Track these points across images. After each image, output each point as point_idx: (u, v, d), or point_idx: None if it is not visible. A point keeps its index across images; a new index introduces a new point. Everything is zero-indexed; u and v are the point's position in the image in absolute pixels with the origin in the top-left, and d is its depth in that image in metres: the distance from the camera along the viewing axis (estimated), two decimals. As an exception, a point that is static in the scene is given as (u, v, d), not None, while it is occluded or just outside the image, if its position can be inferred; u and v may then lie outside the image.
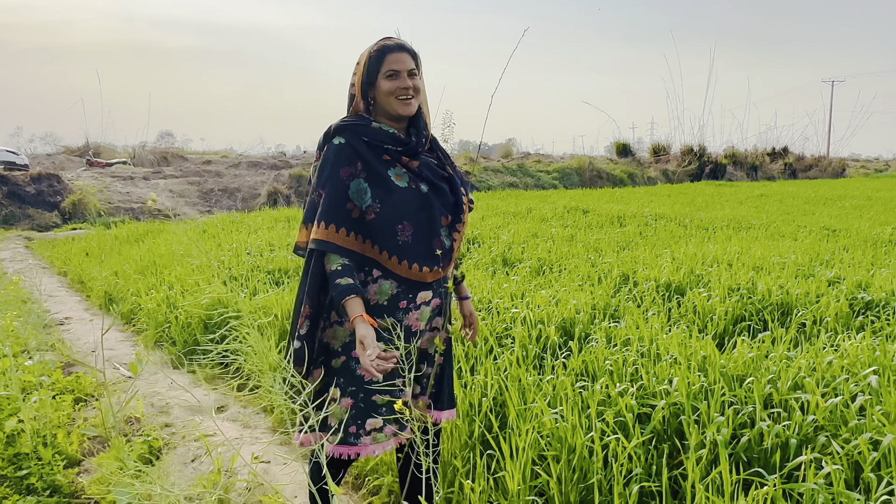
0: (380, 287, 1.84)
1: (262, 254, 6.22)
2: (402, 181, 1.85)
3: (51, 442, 3.03)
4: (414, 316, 1.89)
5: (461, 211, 1.95)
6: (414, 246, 1.84)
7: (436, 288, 1.92)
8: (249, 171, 20.19)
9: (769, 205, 12.84)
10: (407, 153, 1.87)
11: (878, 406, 2.52)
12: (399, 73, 1.83)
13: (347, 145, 1.83)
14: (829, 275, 4.92)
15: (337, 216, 1.78)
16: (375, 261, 1.83)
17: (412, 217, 1.83)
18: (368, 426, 1.87)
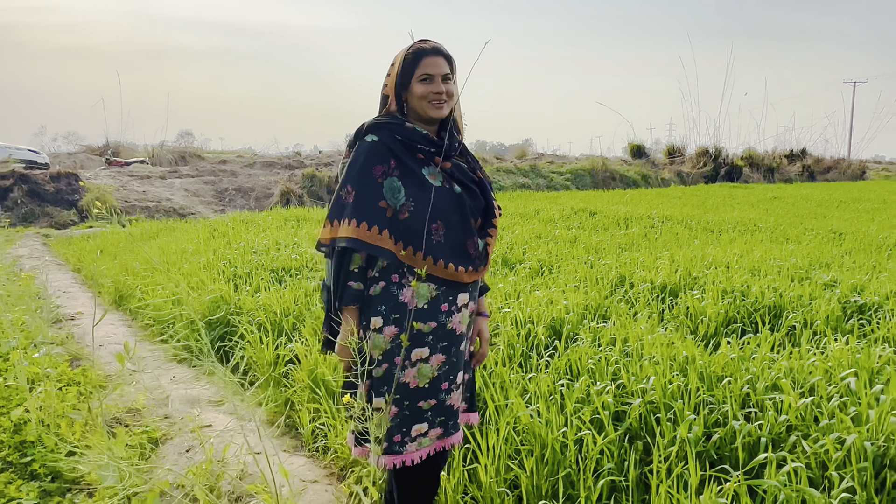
0: (417, 291, 1.80)
1: (269, 252, 6.36)
2: (437, 180, 1.83)
3: (54, 431, 3.17)
4: (457, 319, 1.85)
5: (492, 215, 1.94)
6: (448, 246, 1.80)
7: (471, 291, 1.90)
8: (264, 170, 20.43)
9: (781, 207, 12.76)
10: (439, 154, 1.86)
11: (852, 407, 2.57)
12: (433, 78, 1.82)
13: (381, 143, 1.80)
14: (826, 278, 4.93)
15: (369, 213, 1.74)
16: (410, 263, 1.78)
17: (446, 216, 1.81)
18: (414, 432, 1.84)
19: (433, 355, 1.82)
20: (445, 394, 1.86)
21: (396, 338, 1.79)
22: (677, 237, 7.78)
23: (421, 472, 1.90)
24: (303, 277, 5.30)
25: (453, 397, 1.88)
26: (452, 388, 1.87)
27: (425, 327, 1.80)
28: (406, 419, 1.83)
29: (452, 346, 1.84)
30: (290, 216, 10.67)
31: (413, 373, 1.81)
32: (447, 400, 1.86)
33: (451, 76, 1.86)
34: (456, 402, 1.90)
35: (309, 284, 4.90)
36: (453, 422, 1.90)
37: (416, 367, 1.81)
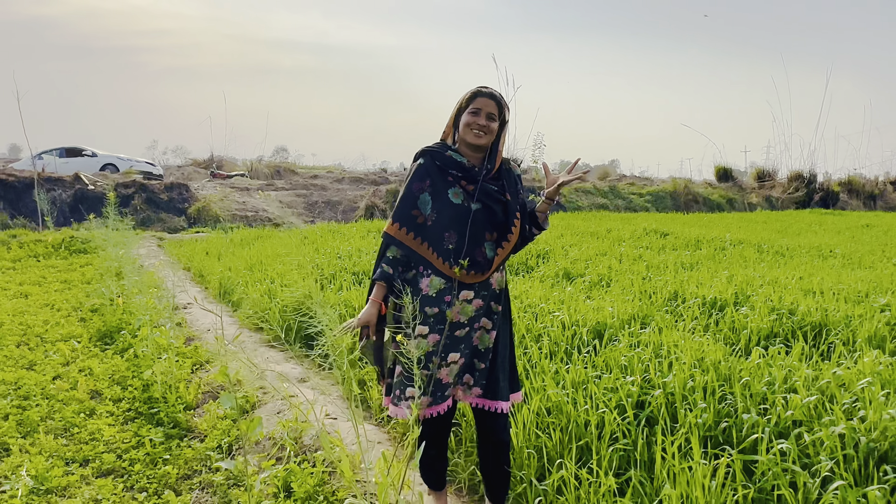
0: (431, 281, 2.27)
1: (351, 258, 7.06)
2: (458, 199, 2.28)
3: (174, 391, 3.89)
4: (456, 309, 2.27)
5: (508, 231, 2.32)
6: (457, 251, 2.24)
7: (478, 290, 2.30)
8: (351, 185, 21.61)
9: (869, 235, 12.31)
10: (465, 178, 2.30)
11: (862, 411, 2.84)
12: (480, 112, 2.27)
13: (423, 166, 2.32)
14: (883, 301, 5.01)
15: (403, 218, 2.29)
16: (428, 260, 2.26)
17: (458, 228, 2.25)
18: (408, 393, 2.27)
19: (430, 334, 2.25)
20: (436, 368, 2.27)
21: (413, 312, 2.25)
22: (744, 259, 7.86)
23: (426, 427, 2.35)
24: (380, 280, 5.92)
25: (443, 373, 2.28)
26: (442, 364, 2.27)
27: (430, 311, 2.25)
28: (405, 380, 2.27)
29: (447, 331, 2.25)
30: (372, 228, 11.46)
31: (415, 344, 2.26)
32: (437, 374, 2.27)
33: (495, 116, 2.29)
34: (446, 378, 2.29)
35: (384, 286, 5.51)
36: (441, 392, 2.30)
37: (417, 341, 2.26)
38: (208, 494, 2.89)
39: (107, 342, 5.10)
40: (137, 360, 4.46)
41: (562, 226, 11.95)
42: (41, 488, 2.83)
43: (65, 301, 6.48)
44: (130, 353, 4.60)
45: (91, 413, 3.71)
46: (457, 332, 2.27)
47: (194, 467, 3.12)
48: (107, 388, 4.07)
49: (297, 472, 2.83)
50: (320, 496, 2.70)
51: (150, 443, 3.29)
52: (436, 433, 2.38)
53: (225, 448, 3.27)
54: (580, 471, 2.51)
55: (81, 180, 14.70)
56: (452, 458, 2.99)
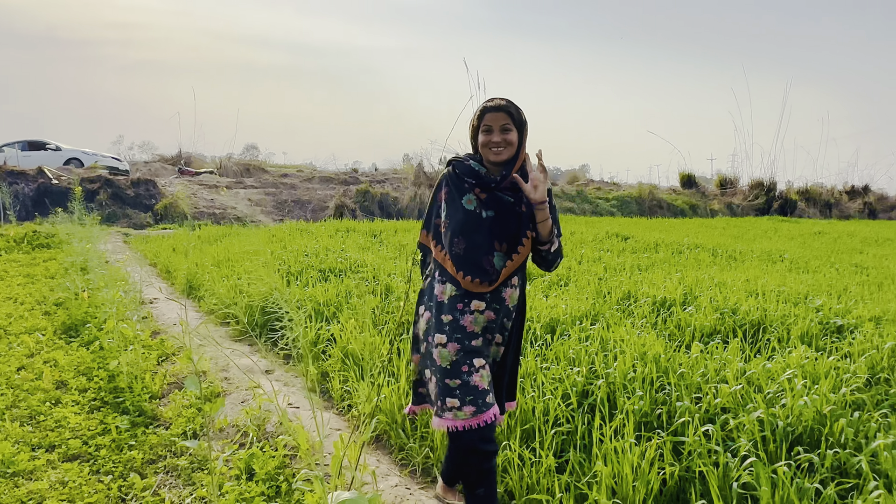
0: (445, 288, 2.29)
1: (318, 255, 7.18)
2: (471, 206, 2.27)
3: (140, 381, 3.99)
4: (468, 318, 2.26)
5: (519, 242, 2.28)
6: (465, 258, 2.23)
7: (489, 301, 2.27)
8: (321, 184, 21.62)
9: (819, 242, 12.86)
10: (479, 185, 2.29)
11: (784, 399, 3.10)
12: (492, 129, 2.25)
13: (445, 175, 2.37)
14: (818, 303, 5.35)
15: (428, 225, 2.41)
16: (443, 266, 2.29)
17: (467, 235, 2.24)
18: (448, 404, 2.21)
19: (449, 343, 2.23)
20: (467, 375, 2.21)
21: (429, 321, 2.30)
22: (698, 262, 8.21)
23: (461, 439, 2.24)
24: (345, 277, 6.07)
25: (475, 378, 2.21)
26: (472, 371, 2.22)
27: (445, 318, 2.26)
28: (442, 391, 2.23)
29: (465, 340, 2.23)
30: (341, 227, 11.56)
31: (437, 353, 2.25)
32: (471, 381, 2.21)
33: (510, 125, 2.25)
34: (481, 383, 2.22)
35: (350, 282, 5.66)
36: (482, 400, 2.20)
37: (438, 350, 2.24)
38: (172, 477, 3.02)
39: (72, 335, 5.15)
40: (103, 353, 4.53)
41: (527, 228, 12.21)
42: (7, 471, 2.92)
43: (28, 295, 6.47)
44: (96, 346, 4.67)
45: (56, 402, 3.79)
46: (472, 341, 2.25)
47: (159, 452, 3.23)
48: (72, 378, 4.14)
49: (259, 456, 2.97)
50: (281, 477, 2.85)
51: (115, 430, 3.39)
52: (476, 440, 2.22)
53: (190, 434, 3.39)
54: (524, 451, 2.72)
55: (45, 174, 14.47)
56: (408, 442, 3.17)
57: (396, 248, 8.83)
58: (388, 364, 3.72)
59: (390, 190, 19.22)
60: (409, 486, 2.91)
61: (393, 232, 11.13)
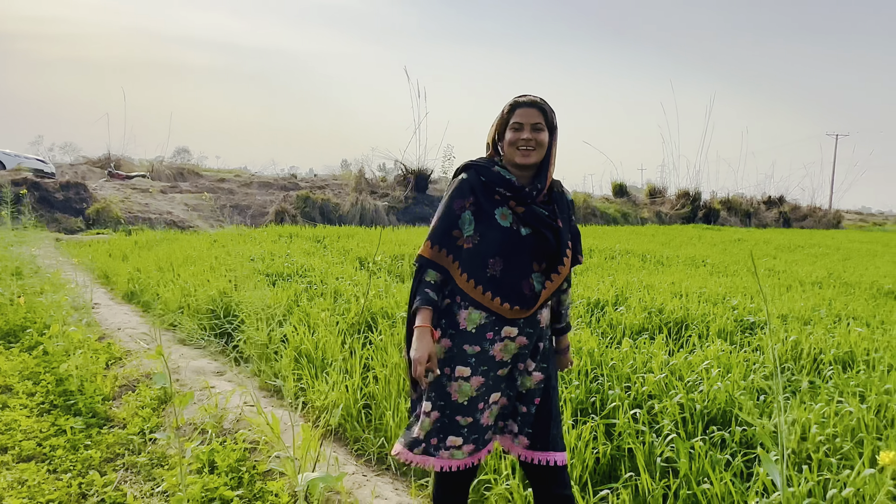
0: (469, 315, 1.96)
1: (264, 260, 7.24)
2: (506, 221, 1.98)
3: (92, 383, 4.00)
4: (498, 347, 1.97)
5: (559, 262, 2.03)
6: (501, 281, 1.94)
7: (522, 326, 1.99)
8: (260, 190, 21.36)
9: (738, 248, 13.77)
10: (515, 198, 2.00)
11: (702, 386, 3.47)
12: (523, 126, 1.97)
13: (467, 181, 2.02)
14: (735, 302, 5.87)
15: (442, 239, 1.98)
16: (464, 289, 1.96)
17: (505, 255, 1.95)
18: (449, 443, 1.96)
19: (473, 376, 1.96)
20: (480, 413, 1.99)
21: (449, 350, 1.97)
22: (629, 266, 8.73)
23: (454, 478, 2.06)
24: (293, 281, 6.18)
25: (485, 416, 2.00)
26: (485, 408, 2.00)
27: (469, 349, 1.96)
28: (445, 427, 1.96)
29: (491, 371, 1.98)
30: (283, 232, 11.56)
31: (455, 387, 1.96)
32: (481, 419, 1.99)
33: (542, 125, 1.99)
34: (487, 421, 2.01)
35: (298, 286, 5.78)
36: (481, 437, 2.01)
37: (458, 383, 1.96)
38: (132, 474, 3.09)
39: (10, 341, 5.05)
40: (48, 357, 4.49)
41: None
42: (-39, 473, 2.92)
43: (-43, 301, 6.24)
44: (39, 351, 4.62)
45: (3, 406, 3.76)
46: (499, 371, 2.00)
47: (117, 451, 3.29)
48: (17, 383, 4.10)
49: (220, 450, 3.09)
50: (243, 469, 2.99)
51: (70, 431, 3.42)
52: (465, 481, 2.12)
53: (147, 433, 3.46)
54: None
55: (-36, 176, 13.74)
56: (363, 434, 3.36)
57: (341, 253, 8.96)
58: (343, 362, 3.90)
59: (331, 196, 19.22)
60: (365, 474, 3.10)
61: (336, 237, 11.22)
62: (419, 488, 2.94)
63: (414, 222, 18.79)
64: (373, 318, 4.77)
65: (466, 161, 2.11)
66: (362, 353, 4.00)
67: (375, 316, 4.80)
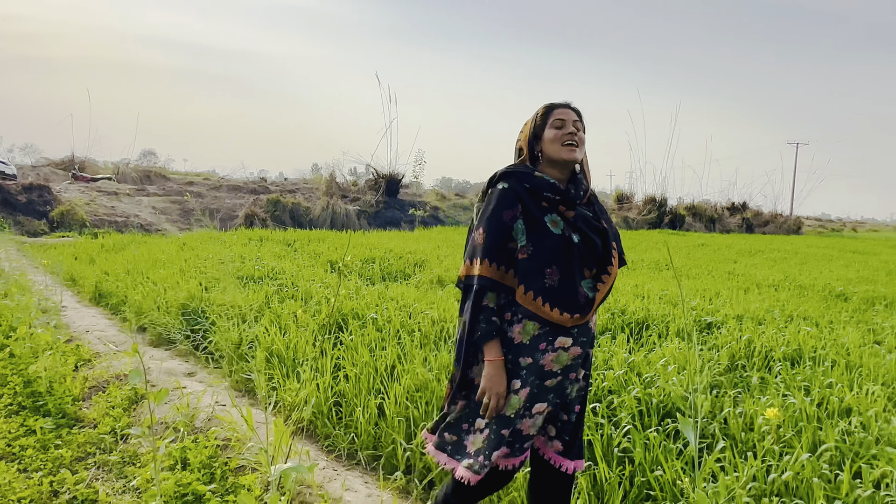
0: (524, 327, 1.91)
1: (234, 263, 7.25)
2: (557, 228, 1.92)
3: (61, 384, 4.01)
4: (549, 357, 1.93)
5: (608, 263, 1.99)
6: (559, 290, 1.89)
7: (576, 335, 1.96)
8: (229, 193, 21.18)
9: (701, 253, 14.17)
10: (564, 203, 1.96)
11: (658, 382, 3.65)
12: (565, 122, 1.97)
13: (511, 190, 1.93)
14: (694, 303, 6.11)
15: (498, 255, 1.88)
16: (521, 302, 1.89)
17: (561, 263, 1.89)
18: (494, 457, 1.93)
19: (523, 388, 1.92)
20: (520, 420, 1.95)
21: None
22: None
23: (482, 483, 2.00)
24: (264, 284, 6.22)
25: (525, 423, 1.96)
26: (526, 415, 1.95)
27: (523, 362, 1.92)
28: (492, 444, 1.93)
29: (538, 381, 1.93)
30: (253, 236, 11.53)
31: (507, 401, 1.93)
32: (519, 424, 1.96)
33: (580, 125, 2.00)
34: (526, 429, 1.97)
35: (269, 289, 5.83)
36: (519, 444, 1.97)
37: (509, 397, 1.92)
38: (104, 472, 3.13)
39: (-26, 343, 5.00)
40: (15, 360, 4.47)
41: (440, 238, 12.68)
42: (-70, 473, 2.93)
43: (-82, 304, 6.13)
44: (6, 353, 4.59)
45: (-30, 408, 3.75)
46: (547, 381, 1.95)
47: (88, 450, 3.32)
48: (-16, 385, 4.08)
49: (193, 447, 3.15)
50: (216, 465, 3.05)
51: (40, 431, 3.44)
52: (494, 486, 2.06)
53: (119, 433, 3.50)
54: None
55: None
56: (334, 431, 3.45)
57: (312, 257, 9.00)
58: (314, 361, 3.98)
59: (301, 200, 19.16)
60: (335, 469, 3.19)
61: (307, 241, 11.23)
62: (388, 481, 3.05)
63: (385, 226, 18.86)
64: (344, 319, 4.86)
65: (502, 169, 2.03)
66: (333, 352, 4.09)
67: (346, 317, 4.88)
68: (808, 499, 2.44)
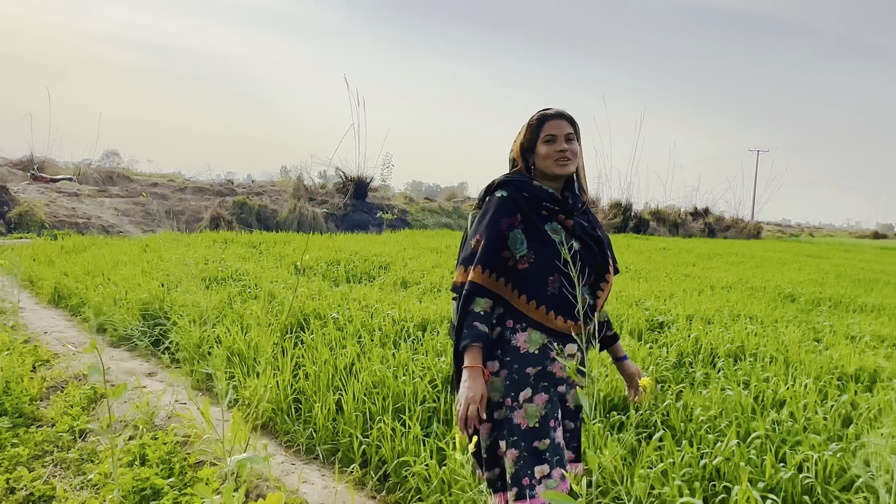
0: (529, 336, 1.90)
1: (198, 265, 7.25)
2: (558, 236, 1.93)
3: (18, 384, 4.00)
4: (558, 365, 1.94)
5: (606, 271, 2.02)
6: (561, 299, 1.90)
7: (581, 343, 1.96)
8: (195, 195, 20.93)
9: (663, 256, 14.55)
10: (564, 212, 1.97)
11: (607, 377, 3.82)
12: (556, 137, 1.94)
13: (509, 198, 1.93)
14: (648, 304, 6.33)
15: (492, 262, 1.87)
16: (522, 311, 1.89)
17: (562, 271, 1.90)
18: (538, 474, 1.85)
19: (536, 395, 1.89)
20: (553, 431, 1.90)
21: (508, 378, 1.89)
22: (557, 272, 9.17)
23: None
24: (227, 285, 6.25)
25: (559, 435, 1.93)
26: (557, 426, 1.92)
27: (532, 370, 1.90)
28: (527, 461, 1.86)
29: (551, 387, 1.92)
30: (218, 238, 11.47)
31: (521, 414, 1.88)
32: (556, 438, 1.90)
33: (573, 136, 1.98)
34: (561, 440, 1.94)
35: (233, 290, 5.87)
36: (564, 460, 1.94)
37: (523, 408, 1.88)
38: (62, 469, 3.16)
39: (-72, 345, 4.93)
40: (-30, 360, 4.43)
41: (406, 241, 12.78)
42: None
43: None
44: (-39, 354, 4.55)
45: (-76, 408, 3.72)
46: (560, 387, 1.97)
47: (46, 448, 3.34)
48: (-62, 385, 4.05)
49: (151, 444, 3.20)
50: (174, 460, 3.11)
51: (-4, 429, 3.44)
52: None
53: (77, 431, 3.52)
54: (396, 424, 3.19)
55: None
56: (293, 427, 3.53)
57: (277, 259, 9.02)
58: (274, 360, 4.06)
59: (268, 202, 19.05)
60: (294, 463, 3.28)
61: (273, 243, 11.22)
62: (343, 473, 3.15)
63: (353, 229, 18.88)
64: (305, 319, 4.93)
65: (499, 178, 2.04)
66: (294, 351, 4.17)
67: (308, 317, 4.96)
68: (736, 481, 2.61)
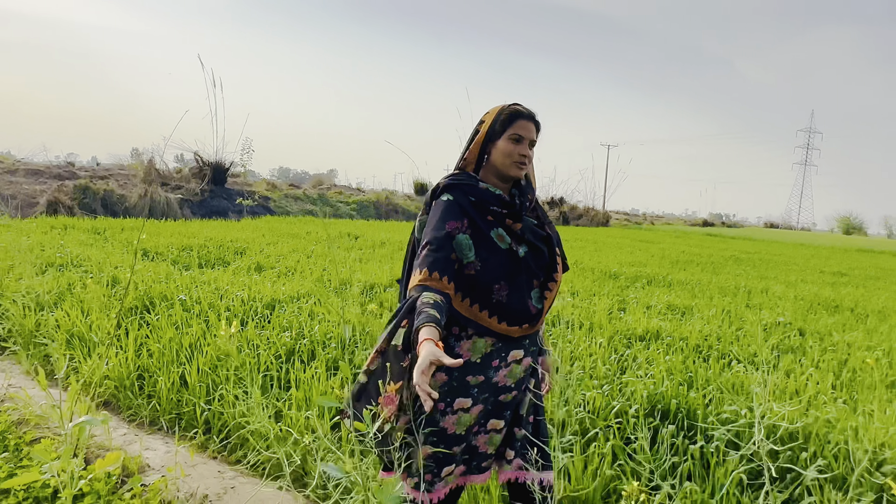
0: (473, 344, 1.87)
1: (34, 251, 6.88)
2: (503, 243, 1.88)
3: None
4: (503, 373, 1.90)
5: (554, 271, 1.97)
6: (507, 305, 1.85)
7: (527, 346, 1.95)
8: (28, 178, 19.08)
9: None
10: (511, 216, 1.92)
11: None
12: (522, 140, 1.91)
13: (455, 202, 1.88)
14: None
15: (440, 265, 1.78)
16: (470, 318, 1.83)
17: (509, 278, 1.86)
18: (444, 473, 1.89)
19: (474, 406, 1.88)
20: (474, 436, 1.92)
21: (444, 385, 1.85)
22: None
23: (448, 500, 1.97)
24: (66, 270, 6.04)
25: (480, 440, 1.93)
26: (481, 431, 1.93)
27: (473, 380, 1.86)
28: (439, 462, 1.88)
29: (491, 397, 1.90)
30: (57, 224, 10.74)
31: (453, 420, 1.87)
32: (474, 441, 1.93)
33: (535, 142, 1.96)
34: (483, 446, 1.94)
35: (73, 275, 5.71)
36: (476, 462, 1.95)
37: (457, 416, 1.87)
38: None
39: None
40: None
41: (265, 227, 12.70)
42: None
43: None
44: None
45: None
46: (501, 396, 1.93)
47: None
48: None
49: (-17, 424, 3.21)
50: (10, 438, 3.15)
51: None
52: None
53: None
54: (238, 391, 3.45)
55: None
56: (135, 401, 3.67)
57: (125, 245, 8.70)
58: (117, 340, 4.12)
59: (115, 187, 17.86)
60: (137, 434, 3.43)
61: (120, 230, 10.71)
62: (185, 439, 3.36)
63: (211, 215, 18.24)
64: (152, 302, 4.98)
65: (445, 181, 1.96)
66: (138, 332, 4.25)
67: (154, 299, 5.01)
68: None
